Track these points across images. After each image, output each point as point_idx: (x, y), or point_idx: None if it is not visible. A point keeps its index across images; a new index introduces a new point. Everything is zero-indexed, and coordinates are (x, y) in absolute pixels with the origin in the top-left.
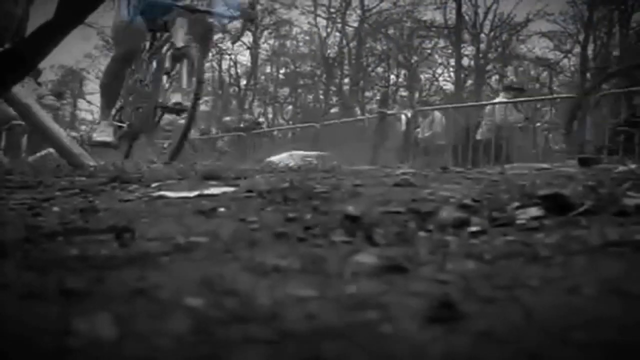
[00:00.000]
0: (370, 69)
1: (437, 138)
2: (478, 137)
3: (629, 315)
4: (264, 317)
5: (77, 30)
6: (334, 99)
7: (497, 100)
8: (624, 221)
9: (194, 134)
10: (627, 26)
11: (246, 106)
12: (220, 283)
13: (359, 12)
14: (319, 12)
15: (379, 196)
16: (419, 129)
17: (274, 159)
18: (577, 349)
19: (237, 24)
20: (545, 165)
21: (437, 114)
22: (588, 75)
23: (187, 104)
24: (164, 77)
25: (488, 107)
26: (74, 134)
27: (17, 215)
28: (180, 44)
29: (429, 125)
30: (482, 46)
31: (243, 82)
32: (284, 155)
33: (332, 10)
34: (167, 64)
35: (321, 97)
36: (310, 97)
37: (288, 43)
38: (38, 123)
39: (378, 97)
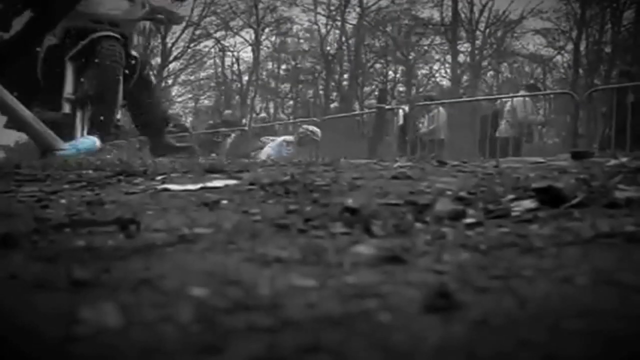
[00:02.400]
0: (368, 65)
1: (438, 132)
2: (498, 134)
3: (621, 304)
4: (265, 306)
5: None
6: (334, 94)
7: (517, 97)
8: (615, 213)
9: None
10: (619, 24)
11: (248, 102)
12: (223, 273)
13: (357, 9)
14: (319, 9)
15: (377, 189)
16: (422, 122)
17: (265, 150)
18: (570, 337)
19: None
20: (539, 159)
21: (442, 109)
22: (581, 71)
23: None
24: None
25: (509, 104)
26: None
27: (25, 208)
28: None
29: (431, 120)
30: (478, 43)
31: (245, 78)
32: (278, 140)
33: (332, 7)
34: None
35: (321, 92)
36: (311, 92)
37: (289, 40)
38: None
39: (376, 93)
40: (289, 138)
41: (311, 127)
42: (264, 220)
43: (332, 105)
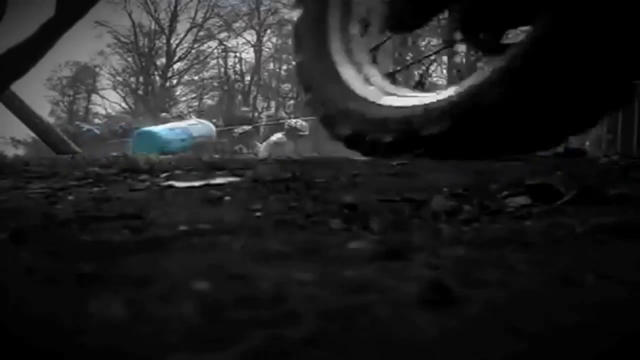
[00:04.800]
0: None
1: None
2: None
3: (613, 298)
4: (267, 300)
5: (90, 28)
6: None
7: None
8: (606, 209)
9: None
10: None
11: (250, 100)
12: (226, 268)
13: None
14: None
15: (375, 185)
16: None
17: (261, 151)
18: (564, 331)
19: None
20: (532, 156)
21: None
22: None
23: None
24: None
25: None
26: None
27: (34, 204)
28: None
29: None
30: None
31: (247, 77)
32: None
33: None
34: None
35: None
36: None
37: (290, 41)
38: (22, 110)
39: None
40: (278, 139)
41: (295, 122)
42: (265, 217)
43: None
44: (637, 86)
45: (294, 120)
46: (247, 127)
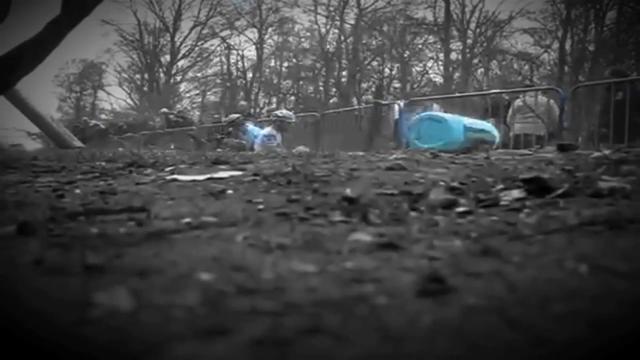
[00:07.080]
0: (366, 62)
1: None
2: (516, 132)
3: (604, 288)
4: (269, 291)
5: (97, 27)
6: (333, 90)
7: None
8: (598, 202)
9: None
10: (602, 24)
11: (252, 97)
12: (228, 259)
13: (355, 10)
14: (319, 10)
15: (373, 179)
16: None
17: (255, 147)
18: (557, 320)
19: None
20: (526, 151)
21: (435, 105)
22: (566, 68)
23: None
24: None
25: (539, 102)
26: None
27: (42, 197)
28: None
29: None
30: (469, 42)
31: (249, 74)
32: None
33: (331, 8)
34: None
35: (321, 88)
36: (311, 88)
37: (290, 39)
38: (26, 107)
39: (373, 89)
40: (267, 131)
41: (280, 112)
42: (267, 209)
43: (331, 101)
44: None
45: (278, 111)
46: (234, 116)
